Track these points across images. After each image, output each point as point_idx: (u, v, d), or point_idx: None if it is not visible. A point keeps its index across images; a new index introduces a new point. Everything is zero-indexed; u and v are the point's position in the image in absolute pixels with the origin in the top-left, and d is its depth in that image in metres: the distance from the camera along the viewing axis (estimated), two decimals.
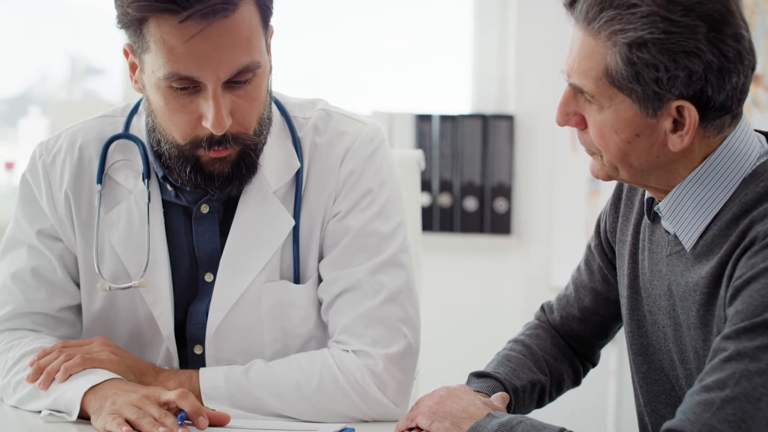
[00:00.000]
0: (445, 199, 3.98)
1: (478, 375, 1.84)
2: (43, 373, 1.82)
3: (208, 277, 1.93)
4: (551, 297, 2.05)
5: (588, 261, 1.95)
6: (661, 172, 1.63)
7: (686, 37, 1.51)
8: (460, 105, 4.19)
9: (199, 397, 1.82)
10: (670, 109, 1.56)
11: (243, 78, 1.76)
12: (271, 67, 1.84)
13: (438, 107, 4.08)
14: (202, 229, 1.92)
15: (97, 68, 4.64)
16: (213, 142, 1.78)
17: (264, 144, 1.86)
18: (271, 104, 1.88)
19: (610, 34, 1.55)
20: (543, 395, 1.90)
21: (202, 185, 1.84)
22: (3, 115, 4.61)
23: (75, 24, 4.51)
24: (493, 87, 4.12)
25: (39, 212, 1.95)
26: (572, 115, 1.65)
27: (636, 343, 1.81)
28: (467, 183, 3.97)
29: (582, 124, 1.65)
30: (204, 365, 1.92)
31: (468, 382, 1.82)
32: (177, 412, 1.71)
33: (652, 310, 1.76)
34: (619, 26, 1.54)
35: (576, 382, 1.99)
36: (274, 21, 1.83)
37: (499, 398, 1.74)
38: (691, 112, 1.55)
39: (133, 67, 1.83)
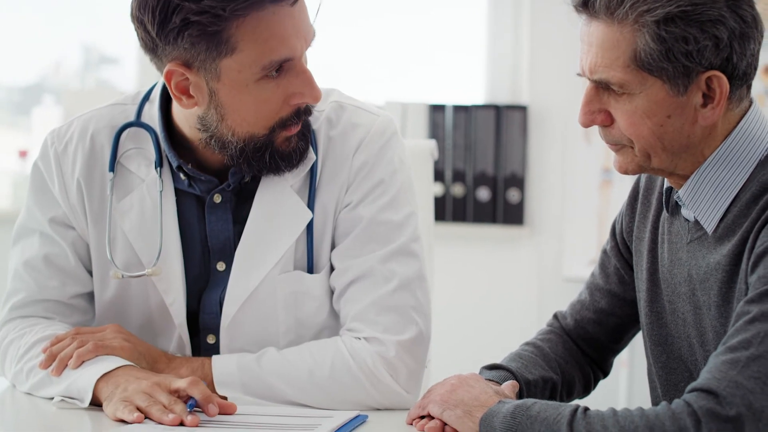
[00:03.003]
0: (457, 189, 3.98)
1: (490, 367, 1.85)
2: (55, 360, 1.83)
3: (220, 266, 1.93)
4: (563, 287, 2.05)
5: (603, 264, 1.97)
6: (688, 153, 1.68)
7: (710, 6, 1.59)
8: (474, 95, 4.18)
9: (211, 384, 1.83)
10: (699, 82, 1.62)
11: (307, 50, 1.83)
12: None
13: (451, 97, 4.08)
14: (214, 218, 1.92)
15: (110, 57, 4.65)
16: (301, 113, 1.83)
17: None
18: None
19: (638, 17, 1.61)
20: (554, 394, 1.90)
21: (282, 166, 1.86)
22: (17, 104, 4.62)
23: (89, 13, 4.51)
24: (507, 77, 4.11)
25: (51, 200, 1.96)
26: (597, 113, 1.69)
27: (655, 334, 1.83)
28: (480, 173, 3.96)
29: (608, 120, 1.69)
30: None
31: (479, 374, 1.83)
32: (187, 399, 1.72)
33: (671, 299, 1.78)
34: (645, 7, 1.60)
35: (586, 390, 2.00)
36: None
37: (509, 386, 1.75)
38: (721, 81, 1.62)
39: (181, 86, 1.81)
